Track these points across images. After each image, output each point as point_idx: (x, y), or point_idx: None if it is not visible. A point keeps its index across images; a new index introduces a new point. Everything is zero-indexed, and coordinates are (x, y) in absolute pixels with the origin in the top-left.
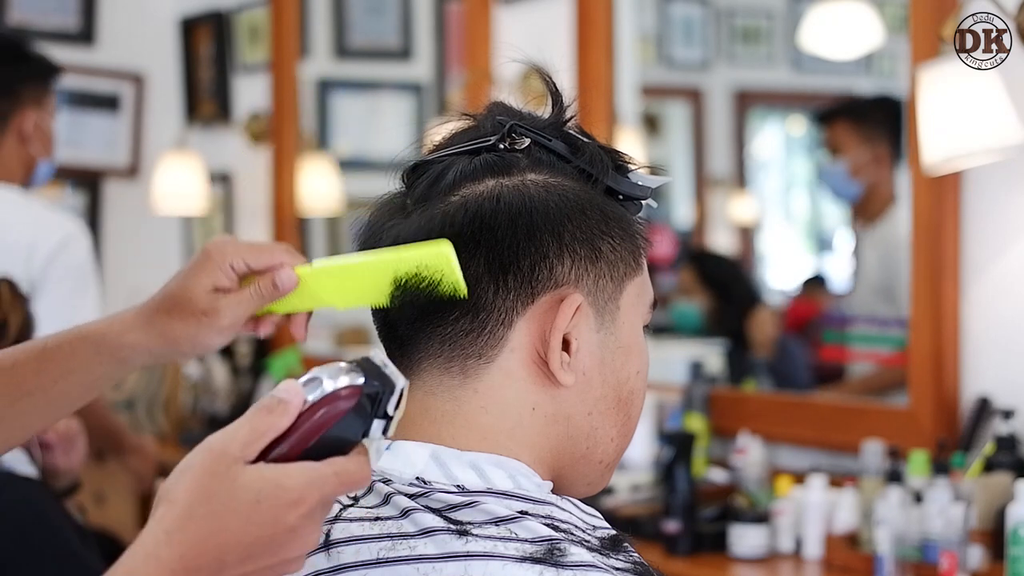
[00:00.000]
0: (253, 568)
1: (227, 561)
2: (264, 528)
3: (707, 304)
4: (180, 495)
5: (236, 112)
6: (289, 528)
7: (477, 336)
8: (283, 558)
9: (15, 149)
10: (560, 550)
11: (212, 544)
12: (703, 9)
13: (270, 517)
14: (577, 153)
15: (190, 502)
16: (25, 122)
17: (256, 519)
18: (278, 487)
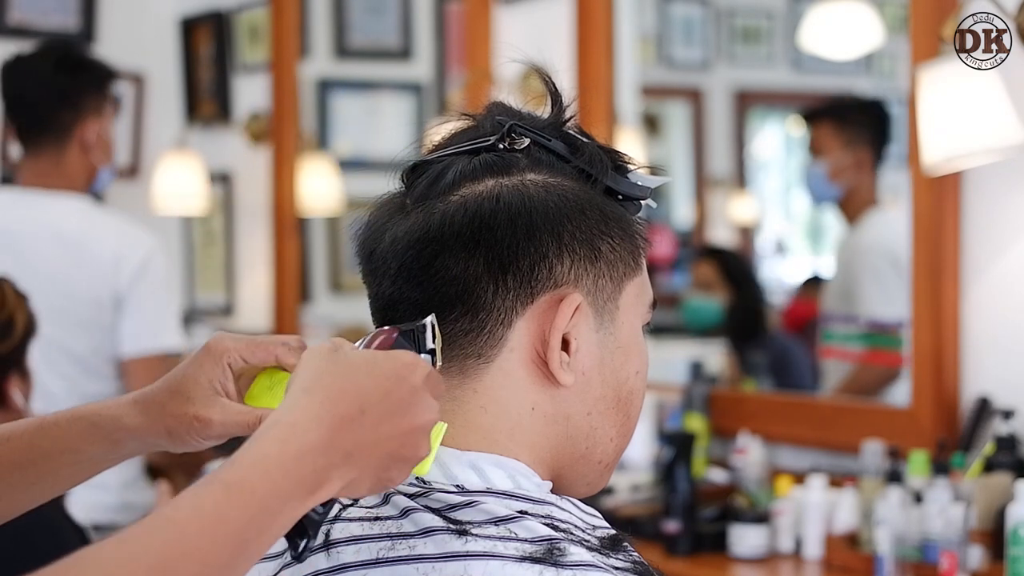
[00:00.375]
0: (391, 429)
1: (367, 413)
2: (392, 382)
3: (728, 299)
4: (305, 368)
5: (236, 112)
6: (413, 388)
7: (476, 336)
8: (413, 423)
9: (78, 158)
10: (560, 550)
11: (351, 393)
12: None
13: (393, 373)
14: (577, 153)
15: (318, 368)
16: (87, 132)
17: (382, 373)
18: (388, 354)
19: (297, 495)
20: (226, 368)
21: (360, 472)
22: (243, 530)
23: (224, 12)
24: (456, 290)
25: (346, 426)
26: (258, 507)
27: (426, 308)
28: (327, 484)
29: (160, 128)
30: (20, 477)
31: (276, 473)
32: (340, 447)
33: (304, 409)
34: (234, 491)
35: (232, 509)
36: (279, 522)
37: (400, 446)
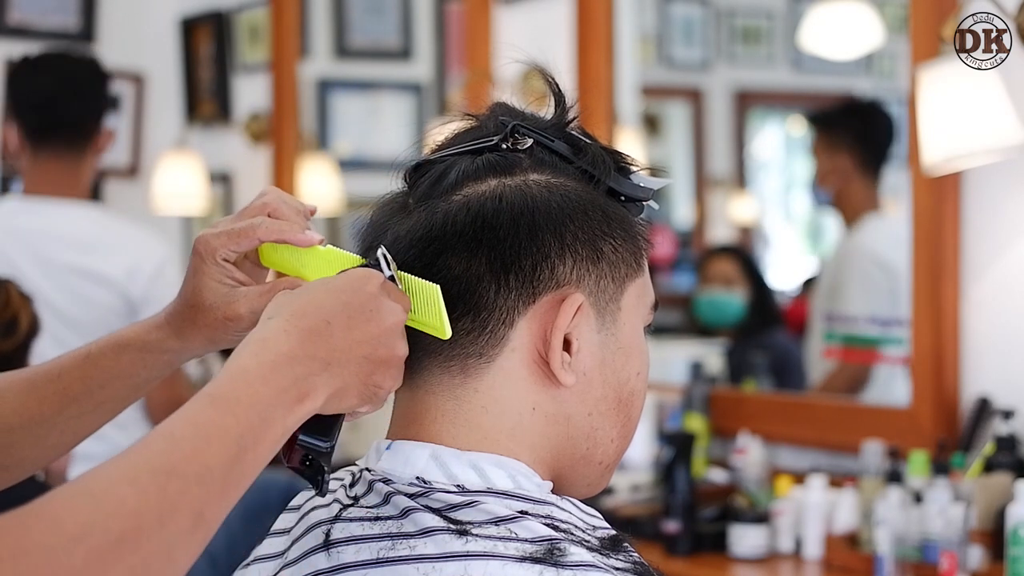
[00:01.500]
0: (360, 335)
1: (332, 323)
2: (348, 294)
3: (751, 296)
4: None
5: (236, 112)
6: (370, 295)
7: (478, 335)
8: (381, 326)
9: (90, 164)
10: (560, 550)
11: (311, 309)
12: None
13: (348, 286)
14: (579, 154)
15: (278, 300)
16: (103, 139)
17: (336, 288)
18: (340, 274)
19: (282, 403)
20: (223, 263)
21: (343, 380)
22: (239, 436)
23: (224, 12)
24: (458, 289)
25: (314, 337)
26: (245, 414)
27: None
28: (312, 393)
29: (160, 128)
30: (77, 409)
31: (256, 383)
32: (314, 355)
33: (271, 328)
34: (220, 402)
35: (224, 417)
36: (271, 432)
37: (374, 348)
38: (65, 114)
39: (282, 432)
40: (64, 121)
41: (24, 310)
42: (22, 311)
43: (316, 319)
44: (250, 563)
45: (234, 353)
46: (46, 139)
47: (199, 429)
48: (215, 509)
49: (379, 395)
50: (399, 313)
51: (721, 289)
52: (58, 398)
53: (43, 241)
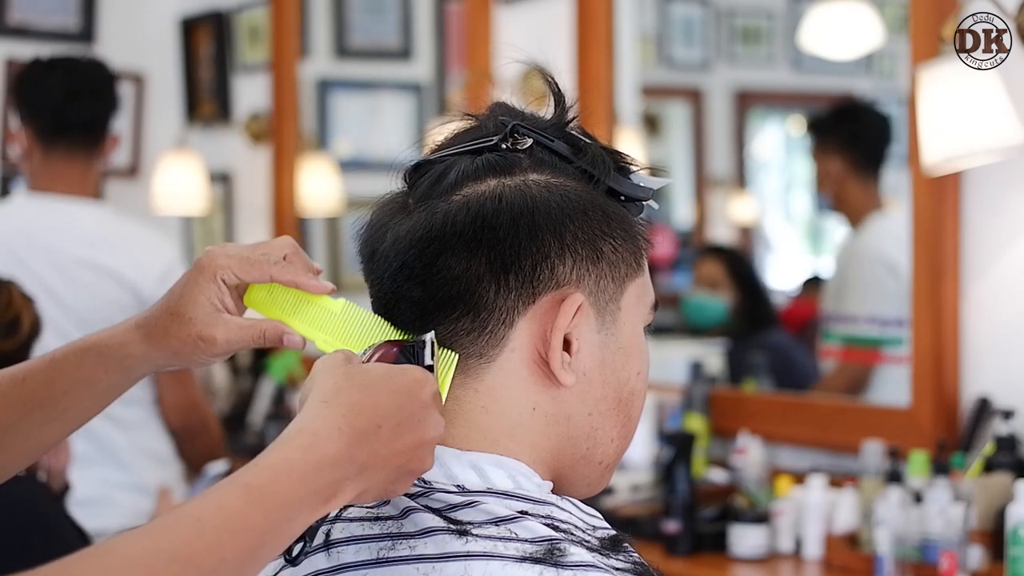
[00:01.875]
0: (402, 444)
1: (383, 427)
2: (405, 398)
3: (735, 299)
4: (322, 380)
5: (236, 112)
6: (423, 404)
7: (478, 336)
8: (423, 438)
9: (97, 166)
10: (560, 550)
11: (368, 408)
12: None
13: (405, 388)
14: (579, 154)
15: (336, 381)
16: (110, 145)
17: (395, 388)
18: (401, 369)
19: (312, 504)
20: (221, 284)
21: (370, 483)
22: (262, 532)
23: (224, 12)
24: (458, 289)
25: (364, 440)
26: (277, 512)
27: (427, 307)
28: (340, 494)
29: (160, 128)
30: (42, 415)
31: (297, 482)
32: (357, 460)
33: (326, 420)
34: (256, 494)
35: (254, 511)
36: (293, 528)
37: (409, 460)
38: (77, 115)
39: (301, 528)
40: (76, 122)
41: (26, 310)
42: (24, 311)
43: (371, 421)
44: None
45: (284, 435)
46: (58, 140)
47: (227, 521)
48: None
49: (391, 497)
50: (440, 428)
51: (706, 291)
52: (21, 403)
53: (53, 237)
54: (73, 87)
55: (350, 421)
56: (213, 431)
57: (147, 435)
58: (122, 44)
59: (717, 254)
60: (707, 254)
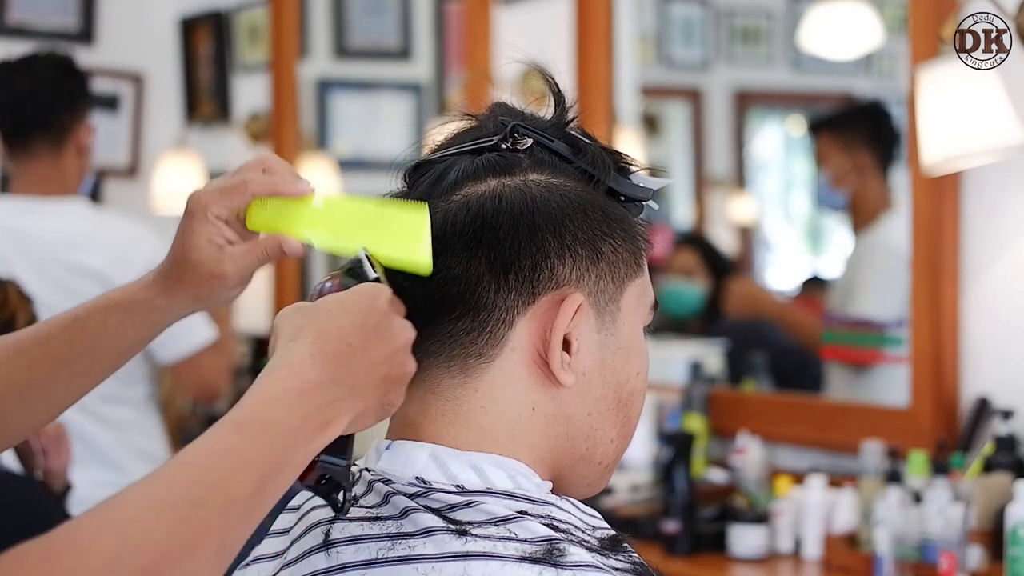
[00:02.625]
0: (377, 354)
1: (353, 345)
2: (364, 313)
3: (710, 287)
4: (281, 326)
5: (236, 112)
6: (383, 312)
7: (478, 335)
8: (395, 343)
9: (74, 162)
10: (559, 550)
11: (332, 332)
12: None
13: (361, 304)
14: (579, 154)
15: (294, 322)
16: (82, 136)
17: (350, 307)
18: (350, 291)
19: (307, 430)
20: (214, 221)
21: (365, 402)
22: (262, 465)
23: (224, 12)
24: (458, 289)
25: (339, 361)
26: (270, 442)
27: (427, 306)
28: (336, 419)
29: (160, 128)
30: (67, 372)
31: (283, 410)
32: (340, 381)
33: (296, 352)
34: (245, 430)
35: (248, 445)
36: (295, 459)
37: (390, 368)
38: (35, 114)
39: (303, 459)
40: (35, 120)
41: (22, 311)
42: (19, 312)
43: (339, 342)
44: (249, 563)
45: (260, 376)
46: (21, 140)
47: (224, 458)
48: (236, 537)
49: (391, 411)
50: (408, 330)
51: (680, 280)
52: (47, 362)
53: (33, 240)
54: (28, 87)
55: (319, 347)
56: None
57: (138, 435)
58: (122, 44)
59: (691, 243)
60: (681, 244)
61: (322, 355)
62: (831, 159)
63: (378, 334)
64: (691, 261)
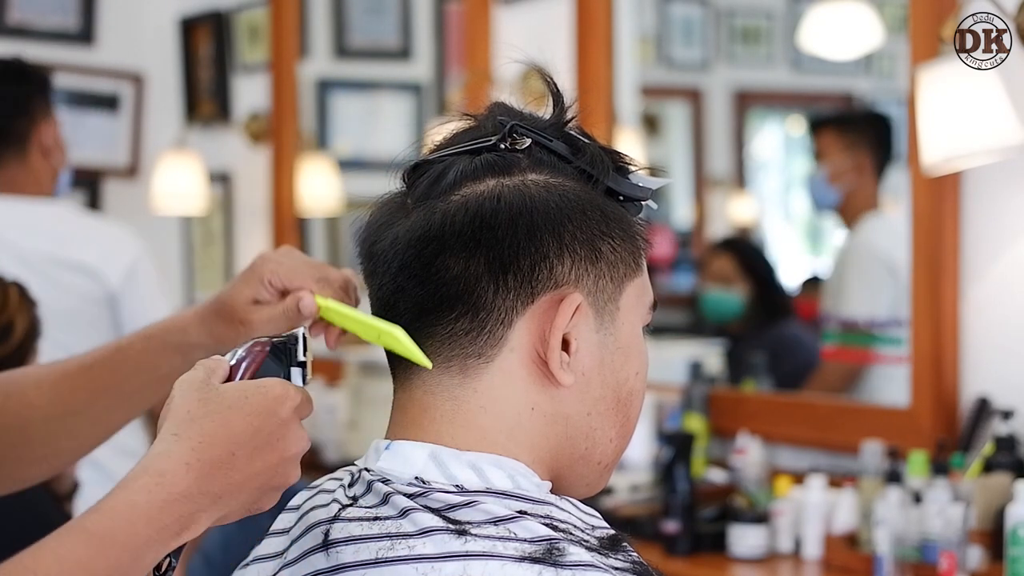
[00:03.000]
0: (262, 465)
1: (237, 455)
2: (262, 419)
3: (749, 293)
4: (177, 407)
5: (236, 112)
6: (282, 422)
7: (477, 336)
8: (283, 455)
9: (41, 163)
10: (559, 550)
11: (221, 436)
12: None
13: (263, 408)
14: (578, 154)
15: (188, 409)
16: (44, 136)
17: (251, 410)
18: (259, 386)
19: (161, 540)
20: (267, 284)
21: (229, 509)
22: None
23: (224, 12)
24: (457, 289)
25: (216, 471)
26: (118, 555)
27: (426, 307)
28: (193, 526)
29: (160, 128)
30: (108, 400)
31: (140, 523)
32: (209, 491)
33: (172, 456)
34: (95, 540)
35: (94, 558)
36: (141, 566)
37: (270, 479)
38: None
39: (153, 563)
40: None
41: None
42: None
43: (223, 449)
44: (249, 563)
45: (131, 475)
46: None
47: (63, 567)
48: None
49: (256, 512)
50: (303, 441)
51: (720, 287)
52: (90, 388)
53: (18, 235)
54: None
55: (199, 455)
56: None
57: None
58: (121, 44)
59: (727, 248)
60: (717, 249)
61: (199, 463)
62: (832, 155)
63: (268, 444)
64: (728, 267)
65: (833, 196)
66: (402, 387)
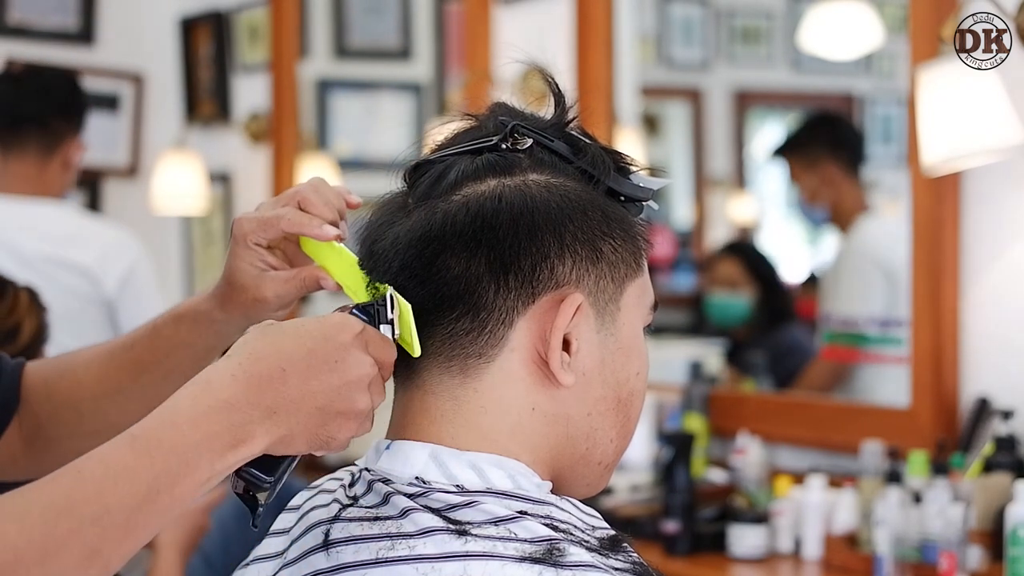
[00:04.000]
0: (319, 385)
1: (288, 371)
2: (316, 342)
3: (755, 295)
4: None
5: (236, 112)
6: (341, 345)
7: (477, 335)
8: (345, 378)
9: (58, 175)
10: (559, 550)
11: (270, 353)
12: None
13: (319, 333)
14: (579, 154)
15: (244, 339)
16: (72, 152)
17: (305, 333)
18: (316, 317)
19: (212, 447)
20: (254, 247)
21: (289, 428)
22: (152, 479)
23: (224, 12)
24: (457, 289)
25: (265, 384)
26: (164, 459)
27: (427, 307)
28: (249, 440)
29: (160, 128)
30: (150, 377)
31: (186, 426)
32: (259, 403)
33: (220, 368)
34: (139, 442)
35: (136, 458)
36: (195, 475)
37: (330, 401)
38: (36, 112)
39: (209, 475)
40: (34, 119)
41: (29, 318)
42: (26, 319)
43: (271, 365)
44: (249, 563)
45: (179, 390)
46: (12, 140)
47: (108, 469)
48: (116, 547)
49: (331, 445)
50: (367, 367)
51: (726, 291)
52: (133, 367)
53: (18, 235)
54: (27, 88)
55: (246, 368)
56: None
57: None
58: (121, 44)
59: (733, 252)
60: (722, 253)
61: (245, 376)
62: (800, 178)
63: (325, 365)
64: (734, 271)
65: (819, 213)
66: (403, 387)
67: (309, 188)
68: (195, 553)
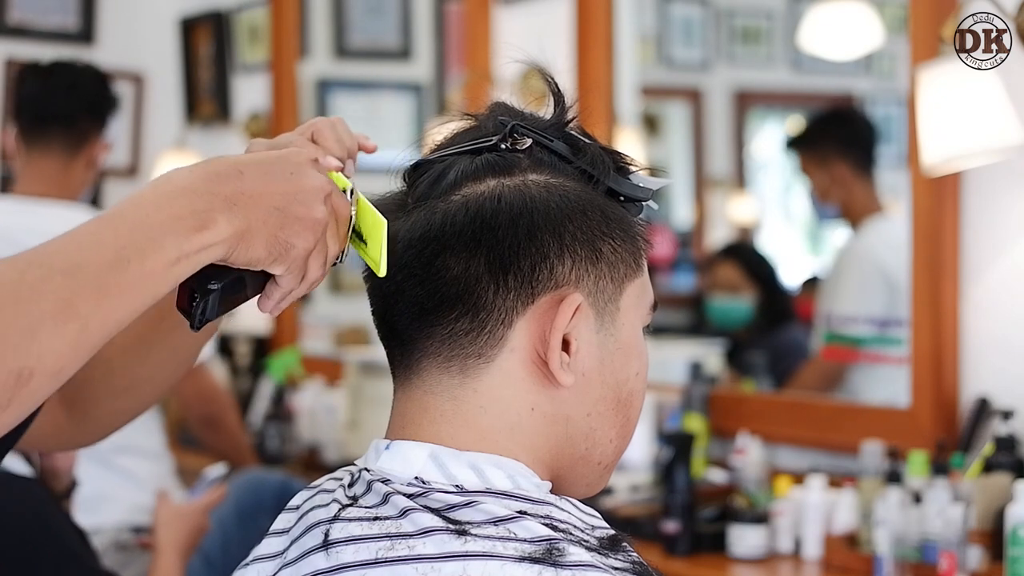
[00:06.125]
0: (276, 188)
1: (245, 173)
2: (271, 157)
3: (756, 298)
4: None
5: (236, 112)
6: (295, 164)
7: (477, 336)
8: (299, 184)
9: (81, 173)
10: (559, 550)
11: (229, 160)
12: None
13: (274, 155)
14: (579, 154)
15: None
16: (98, 151)
17: (262, 156)
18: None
19: (176, 229)
20: None
21: (249, 222)
22: (119, 248)
23: (224, 12)
24: (457, 289)
25: (223, 178)
26: (129, 232)
27: (426, 307)
28: (212, 225)
29: (160, 128)
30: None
31: (149, 207)
32: (218, 192)
33: (180, 168)
34: (104, 218)
35: (101, 228)
36: (163, 253)
37: (287, 203)
38: (55, 110)
39: (177, 256)
40: (59, 116)
41: None
42: None
43: (229, 167)
44: (249, 563)
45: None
46: (36, 136)
47: (75, 236)
48: (91, 306)
49: (290, 254)
50: (321, 180)
51: (727, 295)
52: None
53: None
54: (56, 83)
55: (204, 167)
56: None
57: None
58: (121, 44)
59: (731, 255)
60: (721, 256)
61: (203, 170)
62: (811, 175)
63: (281, 172)
64: (733, 274)
65: (831, 209)
66: (402, 387)
67: (325, 122)
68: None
